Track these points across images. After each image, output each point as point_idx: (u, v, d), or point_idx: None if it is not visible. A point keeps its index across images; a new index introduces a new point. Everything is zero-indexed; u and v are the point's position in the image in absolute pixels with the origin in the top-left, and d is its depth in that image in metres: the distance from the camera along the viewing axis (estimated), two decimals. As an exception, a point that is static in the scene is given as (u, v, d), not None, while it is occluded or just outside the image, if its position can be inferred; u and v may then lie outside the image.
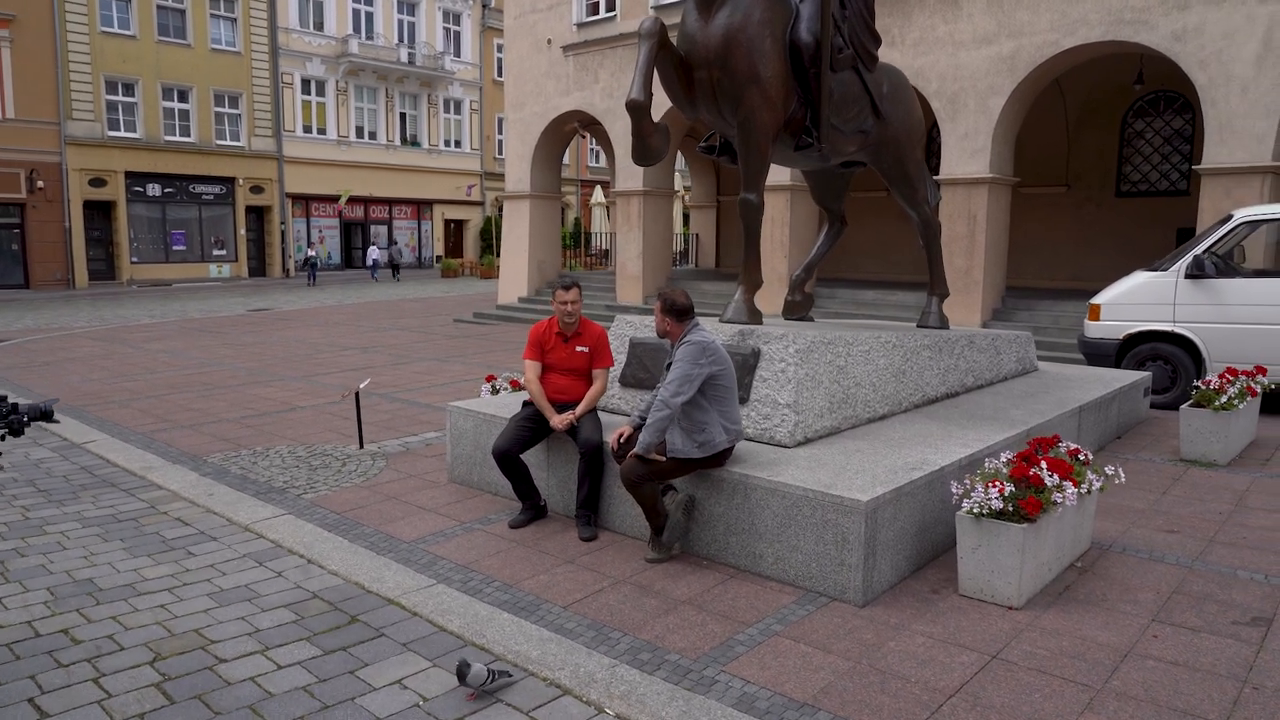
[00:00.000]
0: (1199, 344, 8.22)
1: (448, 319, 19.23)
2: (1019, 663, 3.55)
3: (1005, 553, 4.05)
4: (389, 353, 13.61)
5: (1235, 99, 10.26)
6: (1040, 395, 6.82)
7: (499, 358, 12.95)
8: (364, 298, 25.39)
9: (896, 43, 12.96)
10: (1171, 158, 14.91)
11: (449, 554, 4.82)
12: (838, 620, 3.96)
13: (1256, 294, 7.95)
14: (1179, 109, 14.66)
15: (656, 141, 5.38)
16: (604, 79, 17.10)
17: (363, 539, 5.08)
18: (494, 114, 41.52)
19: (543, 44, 18.10)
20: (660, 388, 4.47)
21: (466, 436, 6.06)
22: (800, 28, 5.62)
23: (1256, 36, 10.09)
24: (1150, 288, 8.50)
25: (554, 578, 4.48)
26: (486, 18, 40.50)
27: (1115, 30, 10.98)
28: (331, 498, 5.87)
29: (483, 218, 41.34)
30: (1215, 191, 10.50)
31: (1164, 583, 4.36)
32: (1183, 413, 6.58)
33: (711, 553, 4.67)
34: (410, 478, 6.34)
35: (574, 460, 5.32)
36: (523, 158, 18.80)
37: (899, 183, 6.88)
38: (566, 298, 5.21)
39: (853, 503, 4.09)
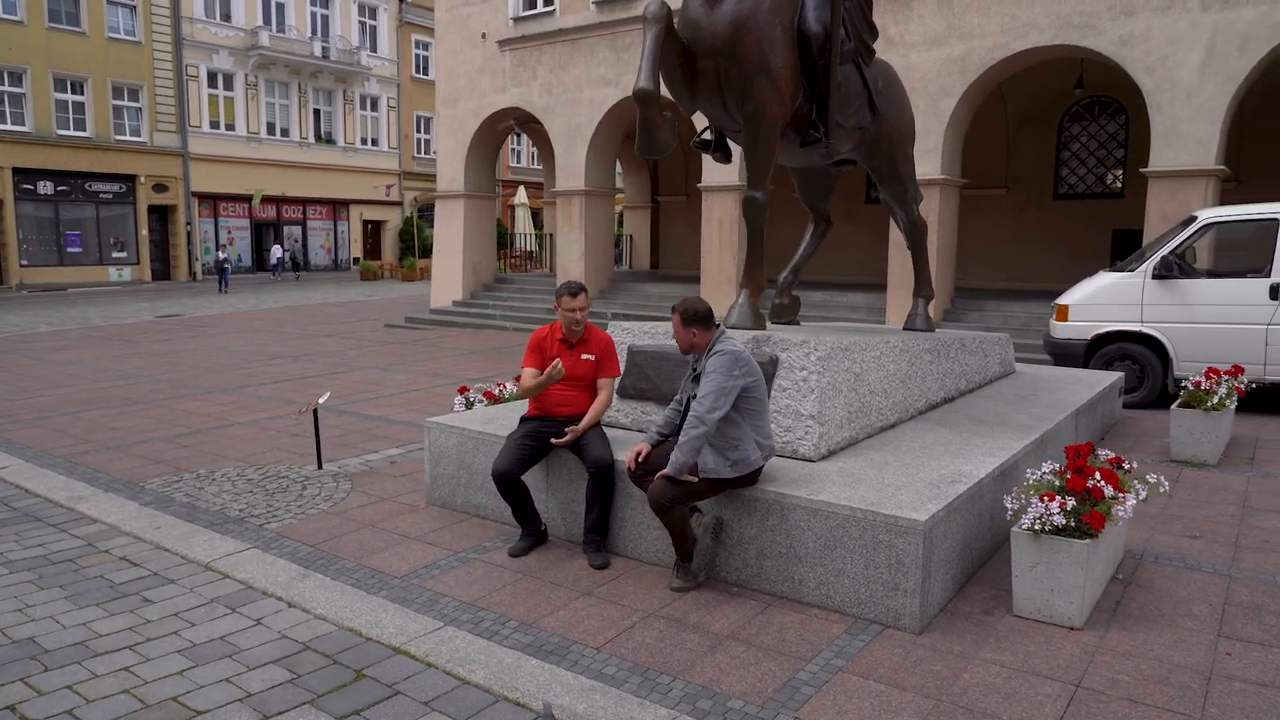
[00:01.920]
0: (1166, 344, 8.32)
1: (376, 324, 18.38)
2: (1106, 691, 3.31)
3: (1067, 570, 3.82)
4: (323, 361, 12.81)
5: (1180, 104, 10.51)
6: (1033, 398, 6.72)
7: (443, 365, 12.33)
8: (281, 302, 24.14)
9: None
10: (1106, 161, 15.35)
11: (449, 590, 4.33)
12: (899, 651, 3.65)
13: (1222, 294, 8.08)
14: (1113, 113, 15.10)
15: (664, 133, 5.00)
16: (543, 75, 16.59)
17: (346, 575, 4.54)
18: (413, 111, 40.36)
19: (476, 38, 17.46)
20: (695, 402, 4.08)
21: (448, 455, 5.55)
22: (808, 17, 5.32)
23: (1200, 44, 10.35)
24: (1118, 288, 8.56)
25: (575, 613, 4.05)
26: (404, 12, 39.29)
27: (1064, 34, 11.14)
28: (299, 527, 5.28)
29: (402, 218, 40.09)
30: (1162, 194, 10.75)
31: (1211, 593, 4.22)
32: (1174, 414, 6.57)
33: (743, 579, 4.31)
34: (383, 501, 5.78)
35: (578, 480, 4.89)
36: (456, 156, 18.11)
37: (890, 181, 6.67)
38: (575, 304, 4.78)
39: (909, 523, 3.79)
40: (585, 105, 16.07)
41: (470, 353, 13.69)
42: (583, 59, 16.01)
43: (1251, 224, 8.11)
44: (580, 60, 16.05)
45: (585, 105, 16.07)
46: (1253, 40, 10.08)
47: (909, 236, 7.17)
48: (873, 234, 17.50)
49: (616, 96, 15.66)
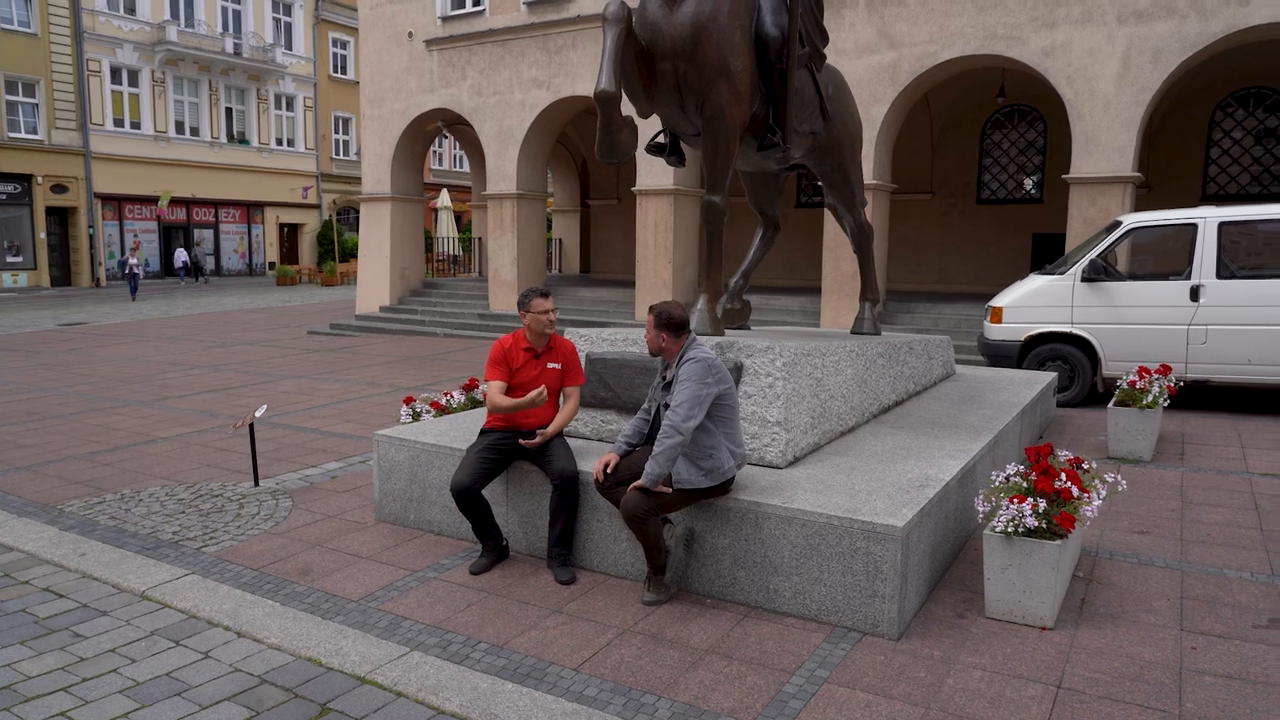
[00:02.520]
0: (1095, 344, 8.62)
1: (299, 331, 17.75)
2: (1086, 691, 3.35)
3: (1039, 571, 3.86)
4: (246, 371, 12.26)
5: (1099, 113, 10.94)
6: (978, 399, 6.85)
7: (376, 373, 11.95)
8: (194, 308, 23.09)
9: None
10: (1026, 168, 15.91)
11: (411, 612, 4.13)
12: (880, 658, 3.63)
13: (1146, 296, 8.42)
14: (1032, 121, 15.66)
15: (626, 136, 4.89)
16: (472, 76, 16.28)
17: (297, 600, 4.29)
18: (331, 112, 39.22)
19: (403, 37, 17.02)
20: (669, 411, 3.99)
21: (399, 470, 5.32)
22: (765, 21, 5.30)
23: (1117, 55, 10.80)
24: (1049, 291, 8.84)
25: (547, 633, 3.90)
26: (321, 10, 38.16)
27: (989, 44, 11.48)
28: (240, 550, 4.98)
29: (320, 222, 38.90)
30: (1083, 200, 11.16)
31: (1167, 588, 4.34)
32: (1111, 412, 6.79)
33: (716, 590, 4.23)
34: (328, 519, 5.51)
35: (540, 493, 4.74)
36: (382, 158, 17.63)
37: (840, 187, 6.71)
38: (547, 305, 4.64)
39: (887, 529, 3.78)
40: (516, 107, 15.84)
41: (402, 360, 13.31)
42: (513, 60, 15.78)
43: (1173, 228, 8.48)
44: (511, 61, 15.81)
45: (516, 107, 15.84)
46: (1164, 53, 10.56)
47: (856, 241, 7.24)
48: (804, 238, 17.76)
49: (548, 99, 15.49)
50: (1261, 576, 4.49)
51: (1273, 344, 7.93)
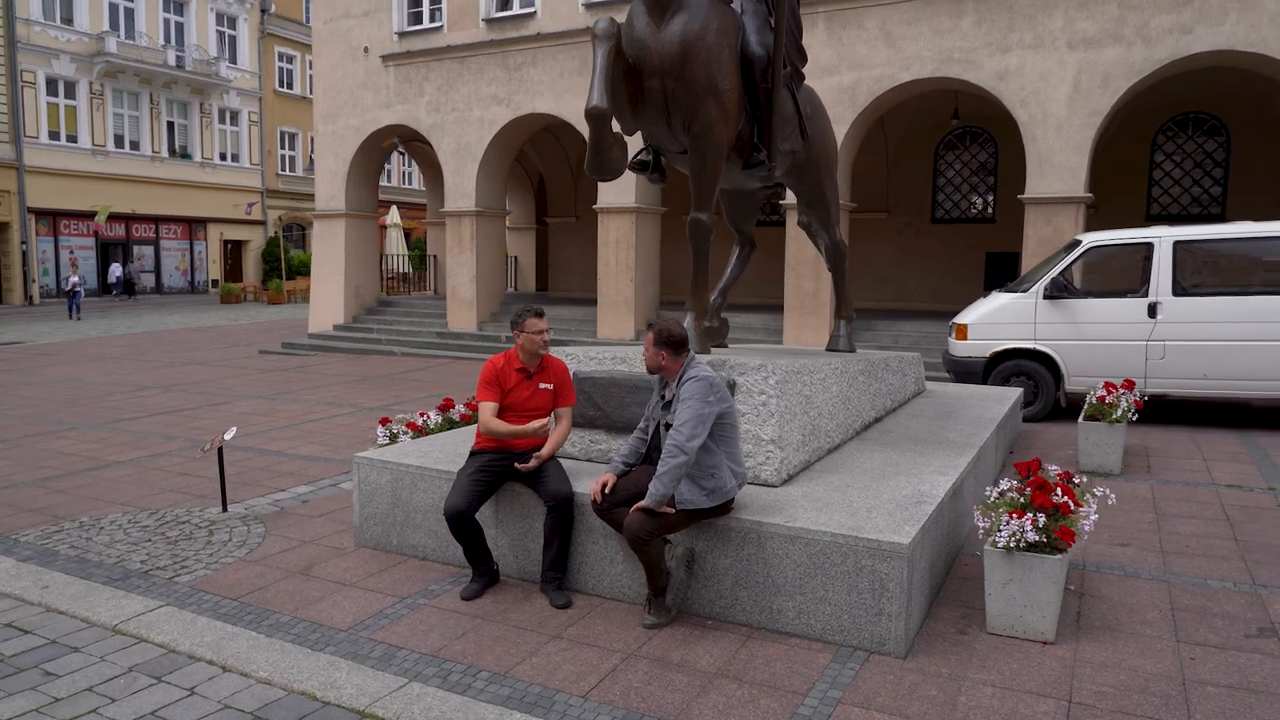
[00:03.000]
0: (1058, 360, 8.82)
1: (249, 350, 17.27)
2: (1096, 705, 3.37)
3: (1040, 586, 3.89)
4: (198, 392, 11.86)
5: (1052, 135, 11.27)
6: (954, 415, 6.94)
7: (336, 393, 11.67)
8: (136, 327, 22.33)
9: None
10: (979, 188, 16.31)
11: (404, 640, 3.99)
12: (890, 677, 3.61)
13: (1106, 312, 8.65)
14: (984, 143, 16.08)
15: (615, 153, 4.86)
16: (430, 92, 16.12)
17: (283, 631, 4.11)
18: (277, 127, 38.52)
19: (358, 52, 16.80)
20: (672, 430, 3.93)
21: (381, 493, 5.17)
22: (750, 40, 5.32)
23: (1068, 80, 11.15)
24: (1013, 308, 9.03)
25: (549, 659, 3.80)
26: (266, 23, 37.52)
27: (946, 67, 11.76)
28: (216, 579, 4.77)
29: (265, 238, 38.06)
30: (1038, 219, 11.47)
31: (1157, 600, 4.42)
32: (1082, 426, 6.93)
33: (717, 611, 4.18)
34: (305, 545, 5.32)
35: (532, 515, 4.65)
36: (336, 174, 17.32)
37: (817, 205, 6.77)
38: (541, 325, 4.55)
39: (893, 546, 3.77)
40: (475, 124, 15.72)
41: (361, 379, 13.03)
42: (472, 77, 15.68)
43: (1130, 247, 8.74)
44: (470, 78, 15.70)
45: (475, 124, 15.72)
46: (1113, 78, 10.94)
47: (831, 259, 7.30)
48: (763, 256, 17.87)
49: (508, 116, 15.41)
50: (1244, 586, 4.60)
51: (1226, 359, 8.21)
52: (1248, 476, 6.83)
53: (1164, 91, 12.79)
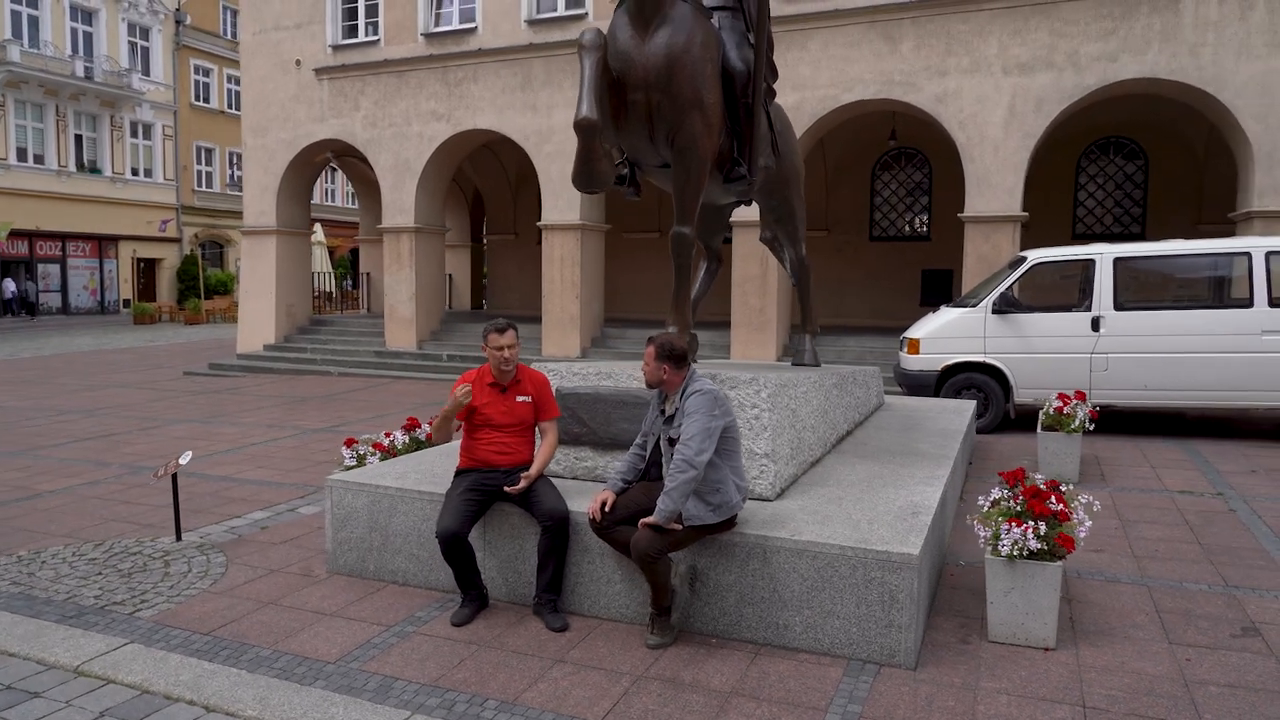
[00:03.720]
0: (1007, 373, 9.08)
1: (173, 371, 16.50)
2: (1110, 709, 3.42)
3: (1041, 593, 3.94)
4: (124, 416, 11.24)
5: (989, 156, 11.68)
6: (918, 427, 7.05)
7: (275, 415, 11.20)
8: (44, 349, 21.11)
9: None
10: (914, 207, 16.78)
11: (399, 671, 3.79)
12: (906, 690, 3.59)
13: (1052, 327, 8.96)
14: (918, 164, 16.56)
15: (605, 165, 4.78)
16: (366, 107, 15.77)
17: (265, 665, 3.86)
18: (193, 141, 37.14)
19: (289, 65, 16.33)
20: (680, 445, 3.86)
21: (357, 517, 4.94)
22: (730, 55, 5.34)
23: (1003, 103, 11.59)
24: (963, 323, 9.27)
25: (556, 685, 3.66)
26: (181, 35, 36.23)
27: (887, 89, 12.08)
28: (181, 612, 4.47)
29: (181, 256, 36.56)
30: (976, 236, 11.85)
31: (1141, 603, 4.53)
32: (1041, 436, 7.13)
33: (721, 629, 4.10)
34: (273, 574, 5.04)
35: (522, 536, 4.51)
36: (266, 189, 16.76)
37: (786, 221, 6.82)
38: (502, 341, 4.44)
39: (903, 557, 3.77)
40: (414, 140, 15.44)
41: (299, 401, 12.55)
42: (411, 92, 15.41)
43: (1074, 263, 9.09)
44: (408, 93, 15.43)
45: (414, 140, 15.44)
46: (1046, 102, 11.42)
47: (796, 275, 7.34)
48: (704, 273, 18.02)
49: (448, 132, 15.19)
50: (1217, 588, 4.76)
51: (1165, 370, 8.59)
52: (1195, 482, 7.12)
53: (1087, 117, 13.41)
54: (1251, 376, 8.36)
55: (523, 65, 14.46)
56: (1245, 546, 5.48)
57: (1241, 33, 10.59)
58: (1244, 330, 8.33)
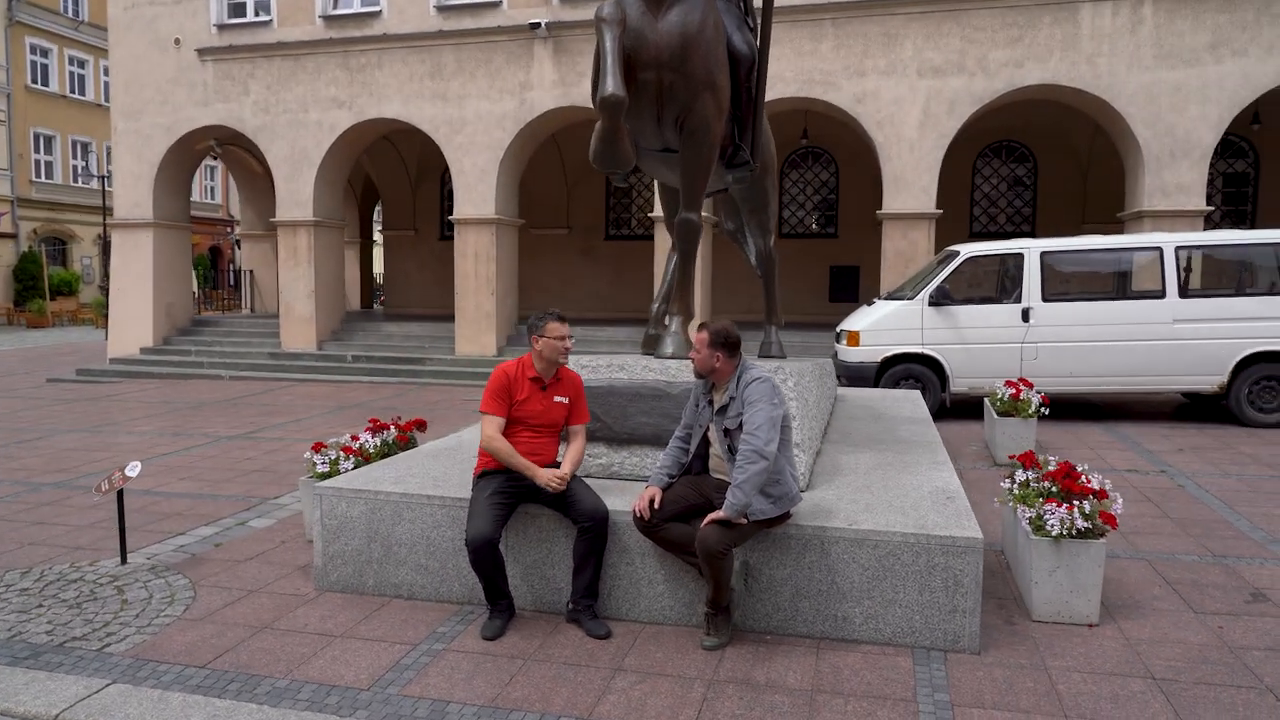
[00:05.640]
0: (944, 363, 9.38)
1: (33, 379, 14.91)
2: (1178, 679, 3.49)
3: (1086, 571, 4.01)
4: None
5: (906, 156, 12.08)
6: (885, 416, 7.14)
7: (173, 423, 10.24)
8: None
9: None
10: (821, 205, 17.19)
11: (447, 693, 3.45)
12: (981, 674, 3.56)
13: (984, 318, 9.32)
14: (825, 163, 16.98)
15: (626, 145, 4.54)
16: (257, 91, 14.73)
17: (289, 698, 3.43)
18: (30, 128, 33.78)
19: (168, 43, 15.04)
20: (747, 435, 3.68)
21: (353, 527, 4.50)
22: (734, 39, 5.20)
23: (918, 105, 12.01)
24: (901, 315, 9.51)
25: (628, 695, 3.42)
26: (15, 10, 32.91)
27: (808, 88, 12.29)
28: (161, 644, 3.92)
29: (18, 253, 33.18)
30: (894, 233, 12.23)
31: (1149, 576, 4.70)
32: (998, 422, 7.37)
33: (775, 625, 3.96)
34: (252, 594, 4.53)
35: (551, 539, 4.22)
36: (140, 178, 15.37)
37: (760, 211, 6.75)
38: (564, 331, 4.13)
39: (968, 541, 3.74)
40: (313, 128, 14.53)
41: (195, 407, 11.54)
42: (308, 77, 14.49)
43: (1005, 257, 9.49)
44: (305, 78, 14.51)
45: (313, 128, 14.53)
46: (958, 104, 11.91)
47: (763, 266, 7.29)
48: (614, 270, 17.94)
49: (350, 120, 14.39)
50: (1207, 558, 5.01)
51: (1089, 358, 9.09)
52: (1136, 462, 7.55)
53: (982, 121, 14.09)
54: (1165, 362, 8.97)
55: (432, 53, 13.87)
56: (1209, 519, 5.82)
57: (1132, 45, 11.39)
58: (1158, 319, 8.93)
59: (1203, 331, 8.88)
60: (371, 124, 14.51)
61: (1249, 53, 11.15)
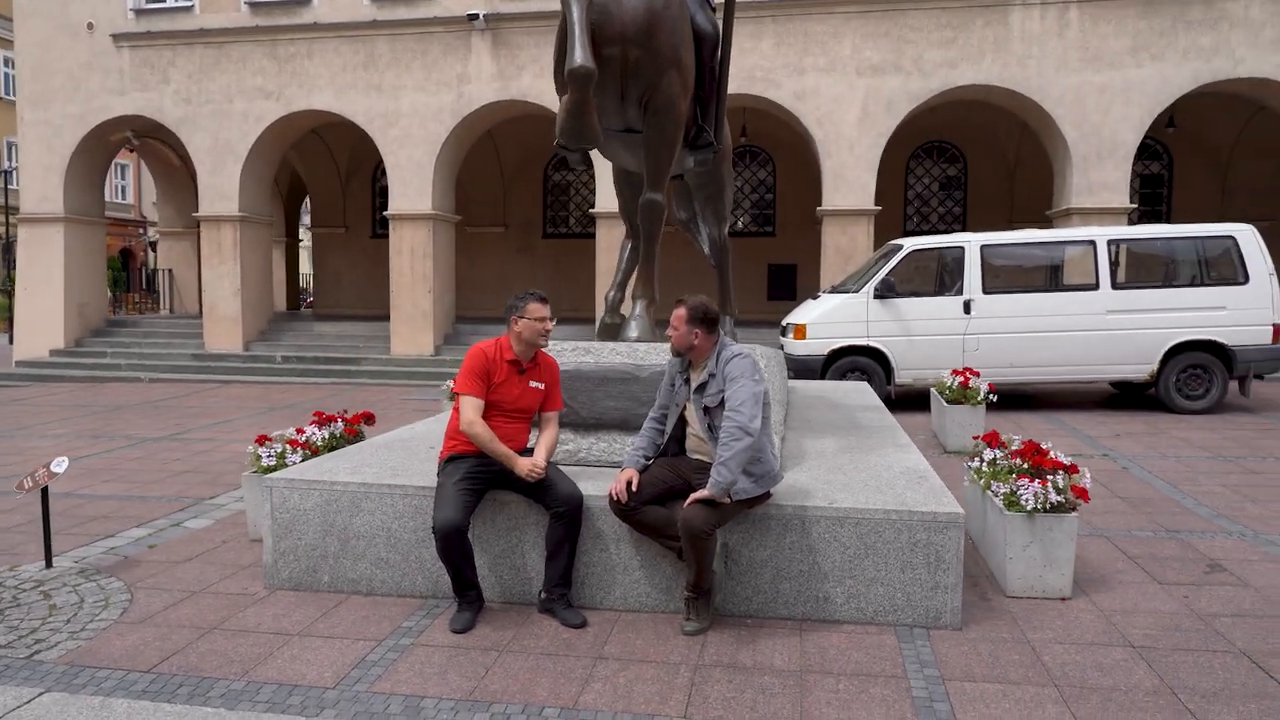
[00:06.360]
0: (889, 354, 9.49)
1: (-71, 385, 13.90)
2: (1156, 647, 3.53)
3: (1059, 544, 4.04)
4: (-111, 433, 9.26)
5: (845, 153, 12.23)
6: (841, 405, 7.15)
7: (94, 425, 9.66)
8: None
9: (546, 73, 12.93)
10: (759, 204, 17.30)
11: (420, 688, 3.25)
12: (966, 649, 3.53)
13: (928, 310, 9.47)
14: (762, 161, 17.10)
15: (595, 120, 4.40)
16: (178, 80, 14.07)
17: (246, 700, 3.19)
18: (-79, 120, 31.72)
19: (80, 28, 14.26)
20: (730, 412, 3.58)
21: (307, 520, 4.24)
22: (697, 18, 5.12)
23: (857, 103, 12.18)
24: (847, 308, 9.59)
25: (613, 683, 3.28)
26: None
27: (749, 85, 12.34)
28: (98, 649, 3.62)
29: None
30: (834, 229, 12.36)
31: (1110, 552, 4.78)
32: (948, 410, 7.46)
33: (755, 608, 3.87)
34: (196, 595, 4.23)
35: (520, 527, 4.05)
36: (50, 170, 14.53)
37: (716, 199, 6.69)
38: (545, 312, 3.96)
39: (950, 516, 3.72)
40: (238, 119, 13.96)
41: (113, 409, 10.92)
42: (233, 66, 13.92)
43: (946, 250, 9.65)
44: (230, 67, 13.93)
45: (238, 119, 13.96)
46: (895, 103, 12.12)
47: (717, 257, 7.23)
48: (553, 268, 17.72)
49: (278, 111, 13.87)
50: (1162, 534, 5.13)
51: (1029, 348, 9.32)
52: (1078, 447, 7.74)
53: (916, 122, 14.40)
54: (1100, 351, 9.25)
55: (366, 43, 13.47)
56: (1156, 497, 5.98)
57: (1060, 48, 11.77)
58: (1092, 310, 9.21)
59: (1134, 322, 9.19)
60: (301, 116, 14.02)
61: (1166, 57, 11.65)
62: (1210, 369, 9.21)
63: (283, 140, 14.63)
